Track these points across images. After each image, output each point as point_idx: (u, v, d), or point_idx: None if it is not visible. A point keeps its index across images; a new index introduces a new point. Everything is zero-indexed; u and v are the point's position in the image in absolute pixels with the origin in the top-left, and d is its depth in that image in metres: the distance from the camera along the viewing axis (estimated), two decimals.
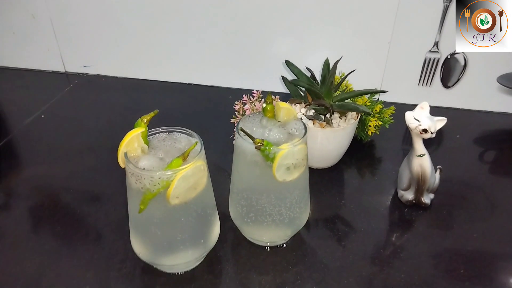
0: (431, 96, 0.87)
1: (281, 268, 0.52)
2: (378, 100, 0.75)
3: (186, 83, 0.97)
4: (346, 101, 0.67)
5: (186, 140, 0.48)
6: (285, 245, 0.55)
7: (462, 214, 0.61)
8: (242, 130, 0.47)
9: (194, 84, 0.97)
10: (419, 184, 0.59)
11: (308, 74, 0.68)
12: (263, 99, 0.71)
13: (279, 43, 0.88)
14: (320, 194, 0.65)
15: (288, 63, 0.68)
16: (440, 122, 0.56)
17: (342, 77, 0.70)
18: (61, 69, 1.01)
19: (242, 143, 0.47)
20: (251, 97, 0.71)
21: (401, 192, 0.63)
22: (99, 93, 0.95)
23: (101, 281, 0.50)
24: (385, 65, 0.86)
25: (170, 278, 0.50)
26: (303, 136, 0.47)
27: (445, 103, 0.88)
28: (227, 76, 0.95)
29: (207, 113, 0.87)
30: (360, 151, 0.75)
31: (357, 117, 0.67)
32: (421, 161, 0.57)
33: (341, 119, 0.67)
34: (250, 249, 0.55)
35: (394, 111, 0.74)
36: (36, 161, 0.72)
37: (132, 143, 0.45)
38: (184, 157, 0.44)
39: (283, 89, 0.83)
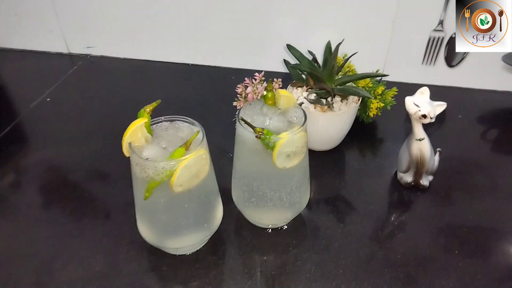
0: (435, 75, 0.87)
1: (282, 250, 0.54)
2: (381, 80, 0.75)
3: (188, 64, 0.97)
4: (348, 84, 0.67)
5: (189, 129, 0.49)
6: (285, 227, 0.57)
7: (460, 195, 0.63)
8: (242, 119, 0.47)
9: (196, 65, 0.97)
10: (418, 167, 0.60)
11: (310, 57, 0.68)
12: (265, 81, 0.71)
13: (281, 22, 0.87)
14: (320, 176, 0.66)
15: (289, 47, 0.67)
16: (439, 107, 0.56)
17: (345, 58, 0.70)
18: (65, 51, 1.01)
19: (242, 132, 0.48)
20: (253, 80, 0.71)
21: (400, 174, 0.64)
22: (103, 75, 0.96)
23: (110, 262, 0.53)
24: (388, 44, 0.85)
25: (175, 259, 0.53)
26: (303, 124, 0.48)
27: (448, 82, 0.88)
28: (230, 56, 0.95)
29: (210, 94, 0.88)
30: (362, 132, 0.75)
31: (359, 100, 0.67)
32: (420, 145, 0.58)
33: (342, 102, 0.67)
34: (252, 231, 0.57)
35: (396, 93, 0.73)
36: (44, 145, 0.74)
37: (136, 133, 0.46)
38: (187, 146, 0.45)
39: (285, 69, 0.83)
